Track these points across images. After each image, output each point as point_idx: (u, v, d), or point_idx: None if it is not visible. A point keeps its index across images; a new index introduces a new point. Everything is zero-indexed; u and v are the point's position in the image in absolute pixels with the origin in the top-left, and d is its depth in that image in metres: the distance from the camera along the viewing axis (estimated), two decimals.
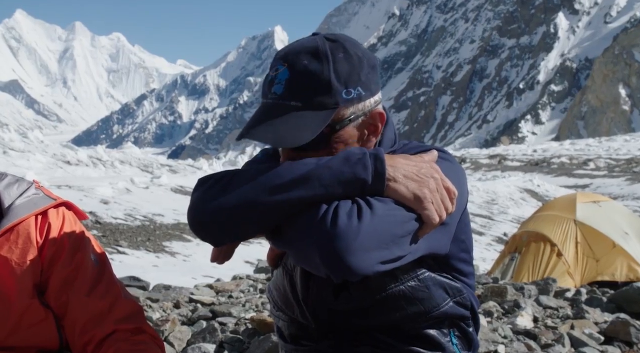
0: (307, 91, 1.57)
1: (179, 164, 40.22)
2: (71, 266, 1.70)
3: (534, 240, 8.60)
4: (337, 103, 1.58)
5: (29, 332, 1.64)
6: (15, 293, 1.61)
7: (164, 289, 7.58)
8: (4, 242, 1.63)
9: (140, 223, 17.73)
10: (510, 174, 44.68)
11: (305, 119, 1.56)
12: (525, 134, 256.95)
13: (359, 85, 1.61)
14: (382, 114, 1.67)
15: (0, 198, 1.68)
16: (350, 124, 1.62)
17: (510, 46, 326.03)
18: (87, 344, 1.66)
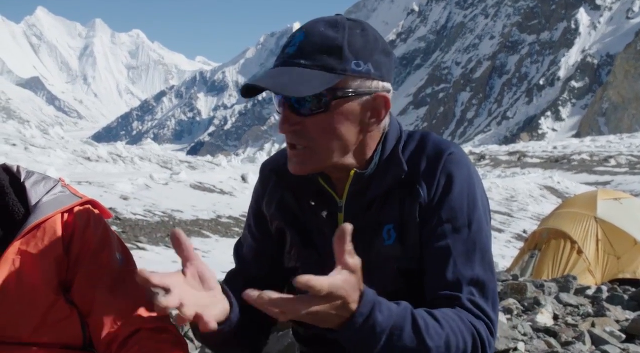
0: (317, 52, 1.58)
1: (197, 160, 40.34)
2: (97, 264, 1.72)
3: (554, 237, 8.54)
4: (344, 70, 1.58)
5: (54, 329, 1.66)
6: (40, 290, 1.64)
7: None
8: (31, 239, 1.65)
9: (160, 219, 17.80)
10: (530, 170, 44.36)
11: (309, 75, 1.56)
12: (545, 130, 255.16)
13: (370, 62, 1.61)
14: (388, 100, 1.66)
15: (27, 196, 1.71)
16: (354, 98, 1.61)
17: (531, 42, 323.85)
18: (111, 342, 1.68)
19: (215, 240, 16.51)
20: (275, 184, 1.86)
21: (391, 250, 1.70)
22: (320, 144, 1.63)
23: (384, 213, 1.71)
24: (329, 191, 1.75)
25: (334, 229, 1.55)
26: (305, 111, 1.60)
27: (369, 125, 1.66)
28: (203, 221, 18.76)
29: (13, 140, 30.35)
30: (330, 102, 1.59)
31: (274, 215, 1.84)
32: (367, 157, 1.71)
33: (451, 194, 1.69)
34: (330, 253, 1.58)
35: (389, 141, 1.74)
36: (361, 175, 1.71)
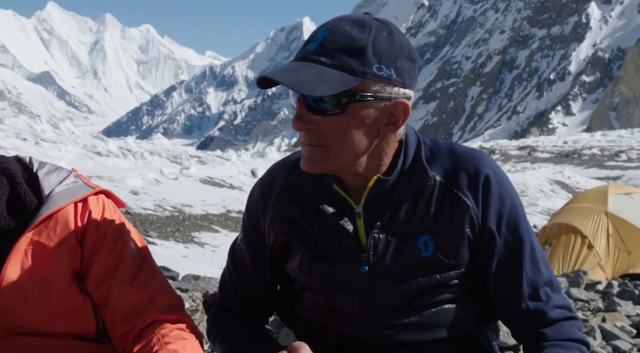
0: (339, 51, 1.53)
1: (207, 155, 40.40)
2: (112, 255, 1.72)
3: (564, 232, 8.51)
4: (365, 73, 1.53)
5: (67, 319, 1.66)
6: (53, 280, 1.63)
7: (193, 279, 7.64)
8: (43, 229, 1.64)
9: (170, 214, 17.85)
10: (540, 165, 44.19)
11: (328, 74, 1.52)
12: (556, 125, 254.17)
13: (392, 68, 1.55)
14: (407, 107, 1.61)
15: (40, 186, 1.71)
16: (372, 102, 1.56)
17: (541, 36, 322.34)
18: (127, 333, 1.69)
19: (225, 235, 16.55)
20: (278, 200, 1.80)
21: (429, 260, 1.67)
22: (333, 145, 1.59)
23: (416, 222, 1.67)
24: (344, 197, 1.70)
25: (352, 235, 1.63)
26: (320, 111, 1.56)
27: (386, 131, 1.62)
28: (213, 216, 18.80)
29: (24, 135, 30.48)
30: (347, 105, 1.55)
31: (279, 232, 1.78)
32: (383, 162, 1.66)
33: (504, 208, 1.68)
34: (348, 258, 1.65)
35: (410, 147, 1.70)
36: (384, 182, 1.66)
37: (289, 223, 1.77)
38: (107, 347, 1.76)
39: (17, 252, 1.60)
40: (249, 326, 1.89)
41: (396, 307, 1.69)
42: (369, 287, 1.68)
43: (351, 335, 1.75)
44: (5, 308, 1.58)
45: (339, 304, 1.73)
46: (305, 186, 1.74)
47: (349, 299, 1.70)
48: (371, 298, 1.68)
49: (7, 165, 1.72)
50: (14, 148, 26.16)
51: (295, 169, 1.76)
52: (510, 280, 1.67)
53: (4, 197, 1.66)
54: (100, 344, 1.75)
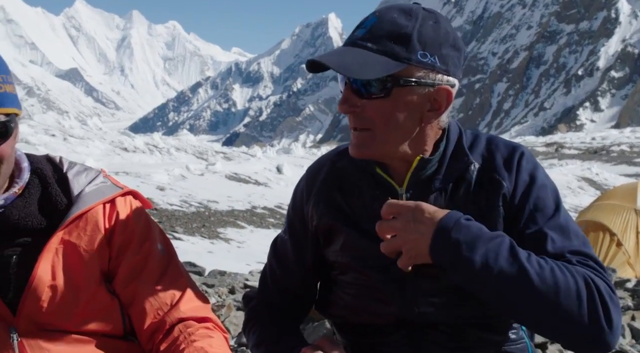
0: (385, 38, 1.59)
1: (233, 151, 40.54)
2: (139, 255, 1.75)
3: (592, 229, 8.41)
4: (409, 59, 1.58)
5: (95, 317, 1.69)
6: (83, 279, 1.67)
7: (219, 275, 7.68)
8: (73, 229, 1.67)
9: (195, 209, 17.95)
10: (568, 162, 43.75)
11: (374, 59, 1.58)
12: (584, 121, 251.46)
13: (436, 55, 1.61)
14: (450, 93, 1.66)
15: (70, 186, 1.74)
16: (415, 88, 1.61)
17: (569, 32, 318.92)
18: (155, 332, 1.72)
19: (250, 231, 16.59)
20: (323, 185, 1.87)
21: None
22: (378, 129, 1.64)
23: (456, 205, 1.71)
24: (387, 180, 1.76)
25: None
26: (365, 94, 1.62)
27: (428, 117, 1.67)
28: (238, 212, 18.87)
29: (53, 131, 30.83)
30: (392, 89, 1.60)
31: (322, 215, 1.84)
32: (426, 147, 1.72)
33: (535, 185, 1.72)
34: None
35: (452, 135, 1.77)
36: (427, 162, 1.71)
37: (333, 207, 1.83)
38: (135, 344, 1.79)
39: (48, 251, 1.63)
40: (283, 320, 1.96)
41: (434, 286, 1.72)
42: None
43: (391, 315, 1.78)
44: (36, 306, 1.61)
45: (381, 283, 1.77)
46: (349, 171, 1.82)
47: (391, 278, 1.74)
48: (411, 276, 1.71)
49: (39, 166, 1.75)
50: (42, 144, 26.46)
51: (341, 156, 1.86)
52: (535, 248, 1.65)
53: (35, 197, 1.69)
54: (128, 341, 1.78)
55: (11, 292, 1.61)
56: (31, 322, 1.62)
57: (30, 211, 1.66)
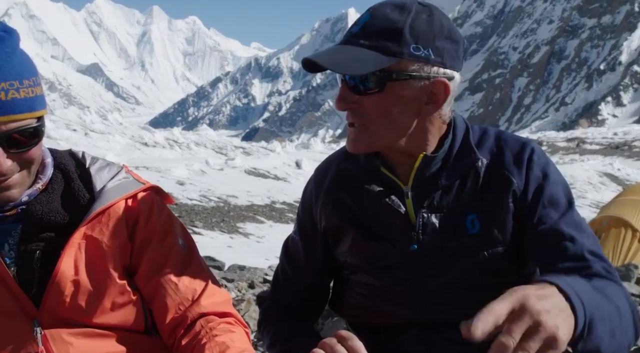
0: (377, 33, 1.61)
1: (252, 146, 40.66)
2: (161, 250, 1.76)
3: (614, 225, 8.33)
4: (401, 53, 1.59)
5: (118, 313, 1.71)
6: (105, 274, 1.68)
7: (239, 269, 7.70)
8: (96, 225, 1.68)
9: (215, 204, 18.02)
10: (589, 157, 43.47)
11: (365, 55, 1.60)
12: (606, 116, 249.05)
13: (430, 48, 1.61)
14: (447, 86, 1.65)
15: (92, 181, 1.75)
16: (410, 81, 1.62)
17: (591, 26, 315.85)
18: (176, 327, 1.73)
19: (270, 226, 16.64)
20: (330, 185, 1.88)
21: (476, 238, 1.71)
22: (375, 123, 1.66)
23: (463, 202, 1.73)
24: (392, 179, 1.76)
25: (401, 215, 1.70)
26: (361, 90, 1.63)
27: (427, 110, 1.67)
28: (257, 207, 18.92)
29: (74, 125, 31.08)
30: (385, 84, 1.61)
31: (330, 216, 1.86)
32: (428, 143, 1.72)
33: (548, 181, 1.71)
34: (398, 237, 1.73)
35: (458, 131, 1.76)
36: (430, 159, 1.72)
37: (340, 207, 1.84)
38: (156, 339, 1.81)
39: (71, 246, 1.64)
40: (296, 319, 1.96)
41: (445, 285, 1.73)
42: (418, 265, 1.73)
43: (402, 315, 1.79)
44: (59, 300, 1.63)
45: (390, 284, 1.77)
46: (355, 171, 1.83)
47: (399, 278, 1.75)
48: (420, 276, 1.72)
49: (62, 161, 1.78)
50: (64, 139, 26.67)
51: (348, 156, 1.87)
52: (552, 247, 1.67)
53: (58, 193, 1.71)
54: (149, 336, 1.80)
55: (35, 286, 1.63)
56: (54, 316, 1.64)
57: (54, 206, 1.68)
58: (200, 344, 1.66)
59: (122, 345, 1.72)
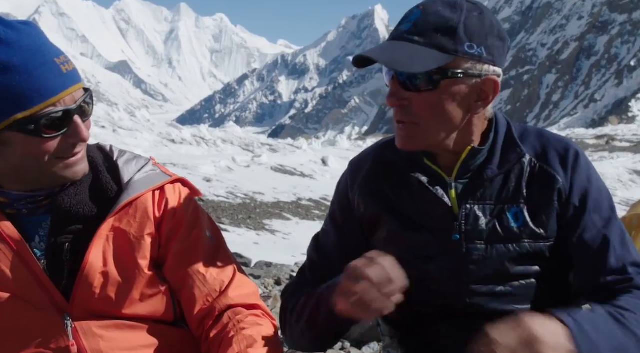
0: (431, 31, 1.60)
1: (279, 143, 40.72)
2: (188, 242, 1.77)
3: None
4: (456, 51, 1.60)
5: (146, 304, 1.72)
6: (133, 265, 1.69)
7: (266, 266, 7.75)
8: (123, 216, 1.69)
9: (242, 201, 18.10)
10: (619, 155, 42.90)
11: (422, 53, 1.59)
12: (636, 113, 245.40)
13: (483, 46, 1.62)
14: (497, 83, 1.67)
15: (120, 173, 1.76)
16: (463, 79, 1.63)
17: (622, 22, 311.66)
18: (204, 318, 1.74)
19: (296, 223, 16.68)
20: (369, 174, 1.86)
21: (519, 231, 1.71)
22: (426, 122, 1.65)
23: (507, 195, 1.73)
24: (436, 170, 1.77)
25: (444, 204, 1.71)
26: (413, 88, 1.63)
27: (476, 107, 1.68)
28: (284, 203, 18.98)
29: (102, 122, 31.38)
30: (440, 82, 1.61)
31: (368, 205, 1.84)
32: (473, 138, 1.73)
33: (593, 187, 1.72)
34: (440, 227, 1.73)
35: (501, 127, 1.78)
36: (477, 152, 1.73)
37: (379, 196, 1.83)
38: (185, 330, 1.81)
39: (99, 238, 1.65)
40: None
41: (485, 276, 1.72)
42: (459, 255, 1.72)
43: (439, 304, 1.78)
44: (88, 292, 1.64)
45: (428, 273, 1.75)
46: (395, 161, 1.82)
47: (440, 267, 1.74)
48: (461, 266, 1.72)
49: (90, 154, 1.76)
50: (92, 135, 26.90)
51: (387, 146, 1.87)
52: (594, 254, 1.69)
53: (87, 185, 1.71)
54: (178, 328, 1.81)
55: (65, 279, 1.64)
56: (84, 308, 1.65)
57: (82, 199, 1.69)
58: (227, 337, 1.66)
59: (152, 337, 1.73)
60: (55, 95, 1.51)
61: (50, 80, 1.50)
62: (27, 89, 1.48)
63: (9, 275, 1.60)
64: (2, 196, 1.65)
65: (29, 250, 1.61)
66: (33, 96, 1.49)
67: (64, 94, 1.52)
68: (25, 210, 1.66)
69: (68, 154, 1.61)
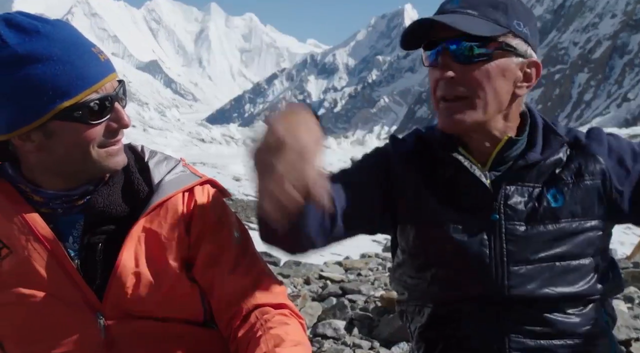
0: (483, 4, 1.62)
1: None
2: (216, 243, 1.77)
3: None
4: (508, 25, 1.61)
5: (177, 304, 1.74)
6: (164, 266, 1.71)
7: (295, 265, 7.73)
8: (154, 217, 1.71)
9: None
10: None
11: (480, 21, 1.60)
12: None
13: (528, 27, 1.65)
14: (540, 67, 1.68)
15: (151, 175, 1.78)
16: (513, 55, 1.63)
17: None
18: (232, 318, 1.75)
19: None
20: (412, 150, 1.84)
21: (559, 211, 1.71)
22: (475, 93, 1.63)
23: (545, 178, 1.73)
24: (469, 159, 1.75)
25: (483, 185, 1.70)
26: (466, 58, 1.62)
27: (520, 88, 1.68)
28: None
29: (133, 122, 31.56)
30: (493, 53, 1.61)
31: (407, 179, 1.79)
32: (510, 125, 1.73)
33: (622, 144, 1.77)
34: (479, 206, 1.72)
35: (537, 116, 1.78)
36: (514, 142, 1.72)
37: (418, 170, 1.80)
38: (215, 331, 1.83)
39: (131, 238, 1.67)
40: None
41: (524, 257, 1.70)
42: (498, 235, 1.71)
43: (475, 286, 1.75)
44: (121, 292, 1.66)
45: (467, 253, 1.73)
46: (434, 144, 1.80)
47: (478, 247, 1.72)
48: (500, 246, 1.70)
49: None
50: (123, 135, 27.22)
51: (427, 130, 1.86)
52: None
53: (119, 185, 1.74)
54: (208, 328, 1.83)
55: (98, 278, 1.67)
56: (116, 307, 1.68)
57: (114, 199, 1.71)
58: (255, 337, 1.66)
59: (182, 337, 1.76)
60: (98, 82, 1.54)
61: (91, 68, 1.54)
62: (71, 77, 1.51)
63: (44, 274, 1.63)
64: (38, 195, 1.66)
65: (63, 250, 1.64)
66: (77, 84, 1.52)
67: (104, 81, 1.55)
68: (60, 210, 1.68)
69: (111, 141, 1.64)
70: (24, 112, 1.52)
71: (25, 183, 1.66)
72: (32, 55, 1.49)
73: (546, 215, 1.70)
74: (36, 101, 1.51)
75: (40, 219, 1.64)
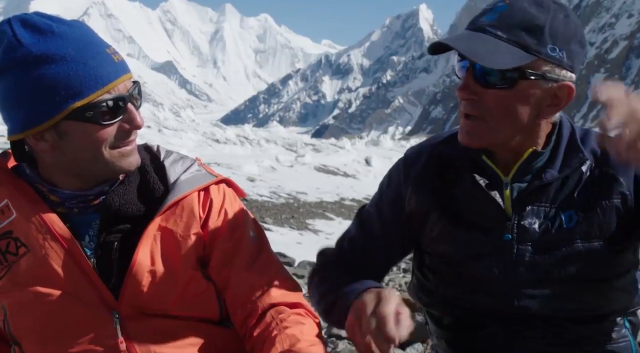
0: (517, 27, 1.55)
1: (322, 143, 40.79)
2: (232, 242, 1.78)
3: None
4: (539, 52, 1.54)
5: (192, 303, 1.74)
6: (180, 265, 1.71)
7: (309, 266, 7.73)
8: (170, 216, 1.72)
9: (285, 201, 18.15)
10: None
11: (504, 48, 1.54)
12: None
13: (565, 50, 1.57)
14: (572, 90, 1.62)
15: (167, 174, 1.78)
16: (540, 82, 1.58)
17: None
18: (247, 317, 1.75)
19: (339, 223, 16.64)
20: (424, 169, 1.83)
21: (572, 232, 1.68)
22: (494, 119, 1.61)
23: (562, 198, 1.70)
24: (493, 168, 1.73)
25: (497, 204, 1.68)
26: (488, 83, 1.58)
27: (547, 112, 1.64)
28: (327, 203, 18.97)
29: (148, 122, 31.80)
30: (517, 81, 1.56)
31: (420, 199, 1.81)
32: (538, 140, 1.69)
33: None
34: (492, 226, 1.70)
35: (564, 130, 1.73)
36: (538, 154, 1.68)
37: (432, 192, 1.80)
38: (231, 330, 1.83)
39: (147, 237, 1.68)
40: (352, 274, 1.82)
41: (535, 277, 1.69)
42: (510, 255, 1.69)
43: (485, 305, 1.76)
44: (137, 290, 1.67)
45: (479, 273, 1.73)
46: (452, 156, 1.78)
47: (489, 267, 1.71)
48: (511, 267, 1.69)
49: (138, 154, 1.79)
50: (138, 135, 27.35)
51: (445, 142, 1.84)
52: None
53: (135, 185, 1.75)
54: (223, 327, 1.83)
55: (114, 277, 1.67)
56: (132, 306, 1.68)
57: (130, 198, 1.72)
58: (270, 336, 1.66)
59: (198, 336, 1.75)
60: (111, 83, 1.54)
61: (104, 68, 1.53)
62: (84, 77, 1.51)
63: (60, 273, 1.64)
64: (54, 195, 1.67)
65: (79, 249, 1.64)
66: (90, 84, 1.52)
67: (117, 82, 1.55)
68: (76, 209, 1.69)
69: (123, 142, 1.64)
70: (37, 112, 1.52)
71: (42, 183, 1.67)
72: (46, 55, 1.49)
73: (560, 236, 1.68)
74: (49, 101, 1.51)
75: (57, 218, 1.64)
